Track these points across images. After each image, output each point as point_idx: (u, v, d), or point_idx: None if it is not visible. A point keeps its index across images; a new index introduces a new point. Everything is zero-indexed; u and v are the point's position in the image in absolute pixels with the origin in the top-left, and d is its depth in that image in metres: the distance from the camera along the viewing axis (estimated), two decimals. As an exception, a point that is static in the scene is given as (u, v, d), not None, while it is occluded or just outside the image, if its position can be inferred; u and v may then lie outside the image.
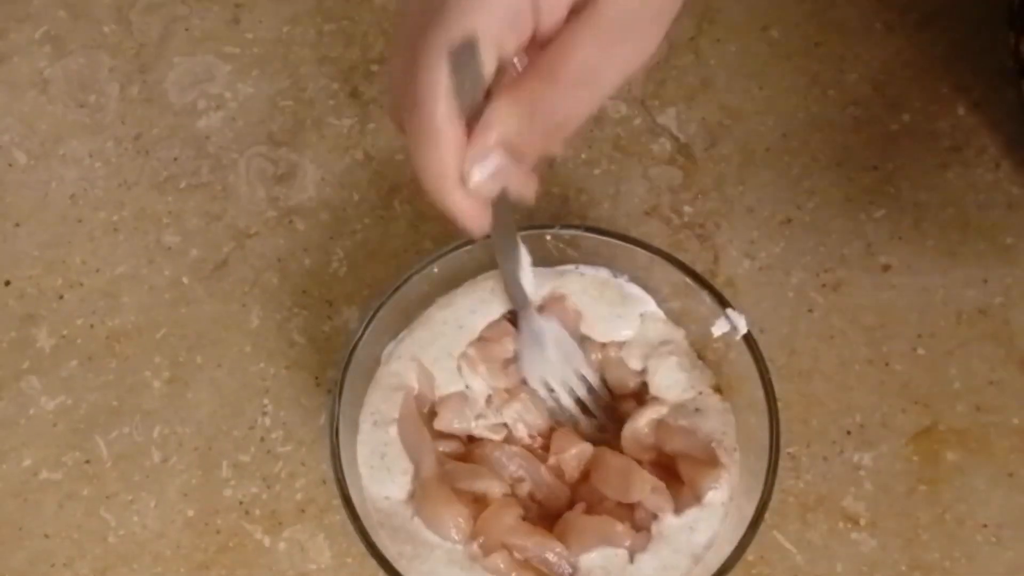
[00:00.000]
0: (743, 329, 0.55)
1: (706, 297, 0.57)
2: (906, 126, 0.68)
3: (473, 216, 0.45)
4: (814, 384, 0.63)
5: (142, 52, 0.72)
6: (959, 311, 0.64)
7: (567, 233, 0.59)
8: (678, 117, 0.69)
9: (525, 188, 0.46)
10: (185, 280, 0.67)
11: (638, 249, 0.58)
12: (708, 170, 0.68)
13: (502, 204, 0.47)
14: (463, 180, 0.43)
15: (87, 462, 0.63)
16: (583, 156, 0.68)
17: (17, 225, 0.68)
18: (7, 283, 0.67)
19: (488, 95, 0.42)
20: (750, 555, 0.60)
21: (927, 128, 0.68)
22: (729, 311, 0.56)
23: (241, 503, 0.62)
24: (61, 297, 0.67)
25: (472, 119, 0.42)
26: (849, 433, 0.62)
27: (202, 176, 0.69)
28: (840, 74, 0.69)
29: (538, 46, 0.42)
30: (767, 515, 0.60)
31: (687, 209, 0.67)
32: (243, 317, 0.66)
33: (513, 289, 0.57)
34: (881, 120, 0.68)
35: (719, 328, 0.56)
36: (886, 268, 0.65)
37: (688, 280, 0.57)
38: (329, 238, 0.67)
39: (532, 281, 0.57)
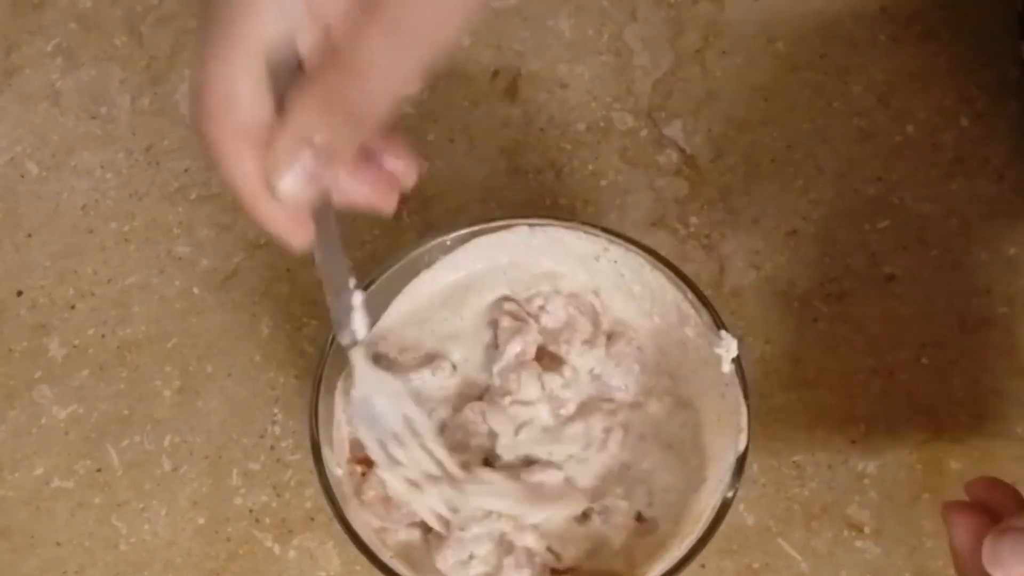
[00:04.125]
0: (733, 352, 0.55)
1: (704, 315, 0.57)
2: (910, 137, 0.69)
3: (289, 229, 0.44)
4: (819, 393, 0.64)
5: (153, 64, 0.72)
6: (963, 321, 0.65)
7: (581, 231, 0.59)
8: (684, 129, 0.69)
9: (381, 200, 0.46)
10: (196, 290, 0.67)
11: (643, 258, 0.58)
12: (714, 181, 0.68)
13: (324, 219, 0.45)
14: (270, 190, 0.41)
15: (98, 470, 0.64)
16: (590, 167, 0.69)
17: (29, 236, 0.69)
18: (19, 293, 0.68)
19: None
20: (755, 562, 0.61)
21: (931, 139, 0.69)
22: (722, 332, 0.55)
23: (251, 511, 0.63)
24: (73, 307, 0.67)
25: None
26: (854, 442, 0.63)
27: (212, 187, 0.69)
28: (845, 86, 0.70)
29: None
30: (772, 523, 0.61)
31: (693, 220, 0.67)
32: (253, 327, 0.66)
33: (339, 319, 0.51)
34: (885, 131, 0.69)
35: (719, 348, 0.56)
36: (890, 278, 0.66)
37: (690, 296, 0.57)
38: (338, 248, 0.68)
39: (364, 317, 0.51)
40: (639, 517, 0.58)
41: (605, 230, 0.59)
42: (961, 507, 0.49)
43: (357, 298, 0.51)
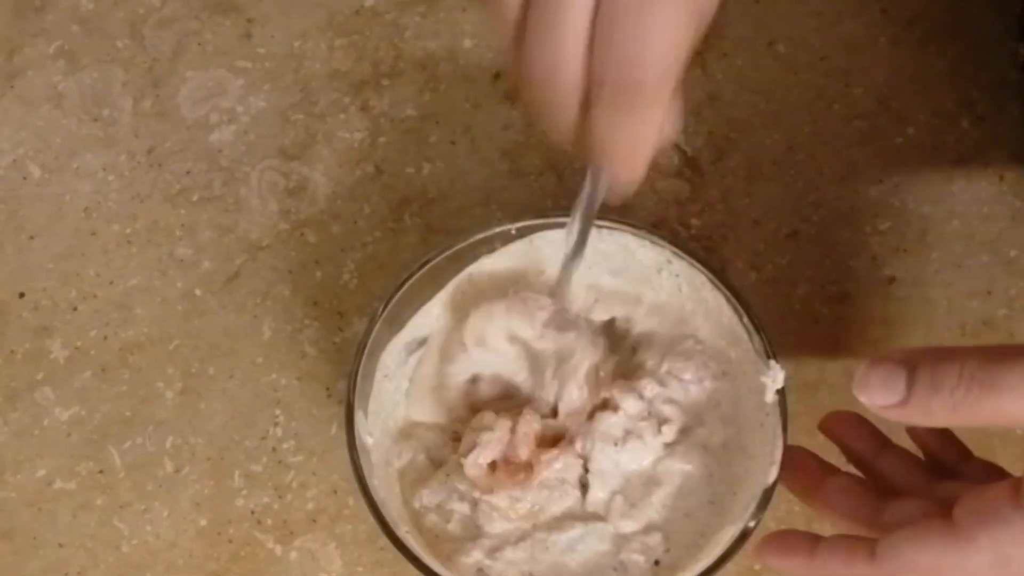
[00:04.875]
0: (778, 384, 0.55)
1: (756, 342, 0.57)
2: (911, 139, 0.69)
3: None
4: (820, 395, 0.64)
5: (155, 66, 0.73)
6: (963, 323, 0.65)
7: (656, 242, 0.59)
8: (685, 131, 0.69)
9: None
10: (197, 292, 0.67)
11: (704, 276, 0.58)
12: (715, 183, 0.68)
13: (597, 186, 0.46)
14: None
15: (101, 472, 0.64)
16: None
17: (31, 238, 0.69)
18: (21, 295, 0.68)
19: None
20: (756, 564, 0.61)
21: (932, 141, 0.69)
22: (771, 362, 0.55)
23: (253, 513, 0.63)
24: (75, 309, 0.67)
25: None
26: (855, 444, 0.63)
27: (214, 189, 0.69)
28: (846, 88, 0.70)
29: None
30: (773, 524, 0.61)
31: (694, 222, 0.68)
32: (255, 329, 0.67)
33: (560, 274, 0.55)
34: (886, 133, 0.69)
35: (765, 377, 0.55)
36: (891, 280, 0.66)
37: (745, 320, 0.57)
38: (340, 250, 0.68)
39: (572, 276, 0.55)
40: (656, 563, 0.57)
41: (672, 242, 0.58)
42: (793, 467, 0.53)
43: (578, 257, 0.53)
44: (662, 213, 0.68)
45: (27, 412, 0.65)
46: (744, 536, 0.53)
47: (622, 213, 0.67)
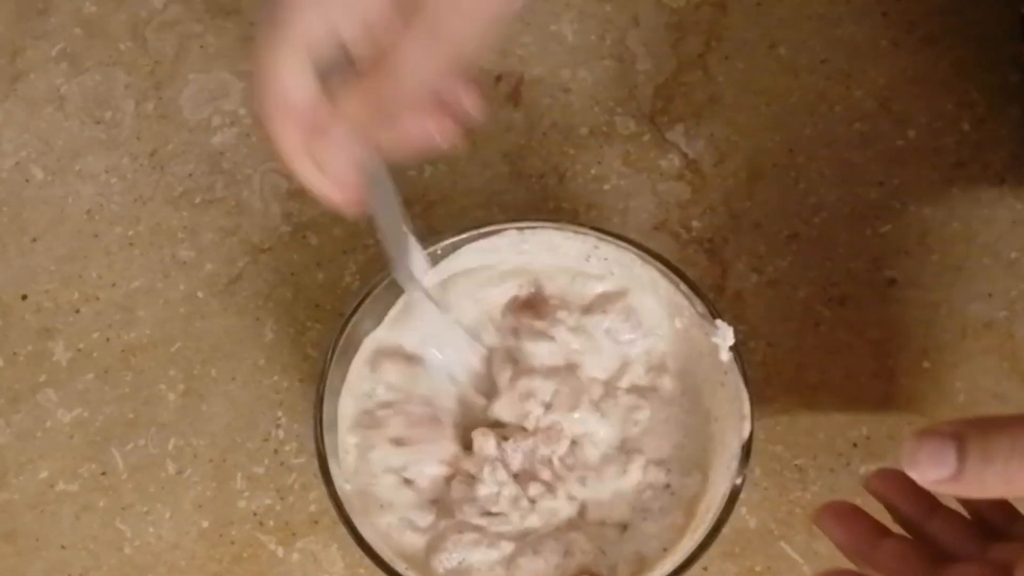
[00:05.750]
0: (729, 341, 0.56)
1: (699, 306, 0.57)
2: (912, 142, 0.69)
3: (335, 194, 0.51)
4: (821, 397, 0.64)
5: (157, 69, 0.73)
6: (964, 325, 0.65)
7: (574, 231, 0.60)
8: (686, 133, 0.70)
9: (443, 137, 0.51)
10: (200, 294, 0.68)
11: (633, 254, 0.59)
12: (716, 185, 0.69)
13: (378, 180, 0.52)
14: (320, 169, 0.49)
15: (103, 474, 0.64)
16: (592, 172, 0.69)
17: (34, 240, 0.69)
18: (24, 297, 0.68)
19: None
20: (757, 566, 0.61)
21: (932, 144, 0.69)
22: (718, 322, 0.56)
23: (255, 514, 0.63)
24: (77, 311, 0.67)
25: None
26: (856, 445, 0.63)
27: (216, 191, 0.70)
28: (846, 91, 0.70)
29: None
30: (774, 525, 0.61)
31: (695, 224, 0.68)
32: (257, 331, 0.67)
33: (399, 263, 0.57)
34: (887, 136, 0.69)
35: (715, 338, 0.57)
36: (892, 282, 0.66)
37: (683, 288, 0.58)
38: (342, 252, 0.68)
39: (422, 258, 0.58)
40: (667, 486, 0.59)
41: (595, 229, 0.59)
42: (830, 515, 0.52)
43: (412, 241, 0.57)
44: (663, 215, 0.68)
45: (29, 414, 0.65)
46: (734, 494, 0.53)
47: (624, 216, 0.67)
